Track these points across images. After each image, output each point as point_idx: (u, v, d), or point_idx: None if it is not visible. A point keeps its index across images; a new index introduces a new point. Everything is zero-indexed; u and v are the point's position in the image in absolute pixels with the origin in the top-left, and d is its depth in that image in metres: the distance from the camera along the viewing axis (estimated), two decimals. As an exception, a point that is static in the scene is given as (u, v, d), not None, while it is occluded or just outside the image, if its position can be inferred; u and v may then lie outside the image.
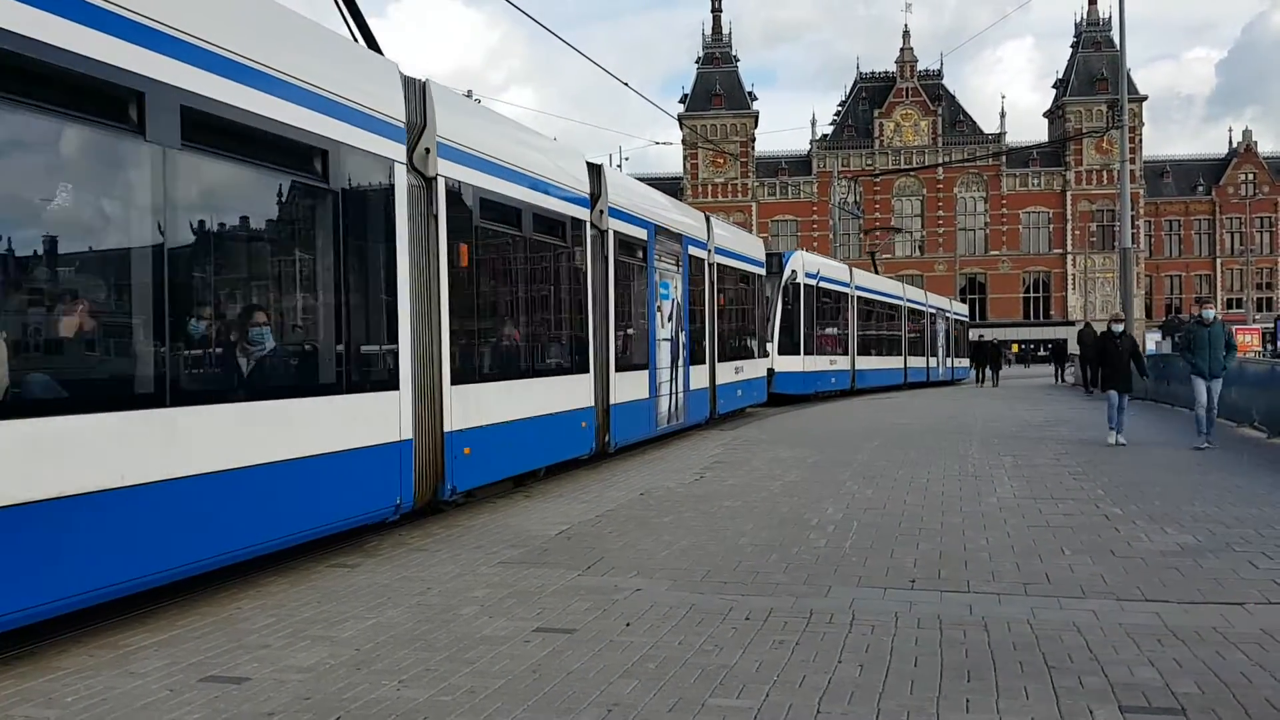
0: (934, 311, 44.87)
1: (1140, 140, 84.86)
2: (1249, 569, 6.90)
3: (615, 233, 13.49)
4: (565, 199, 11.85)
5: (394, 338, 8.23)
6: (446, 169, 9.06)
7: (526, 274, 11.00)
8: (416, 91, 8.88)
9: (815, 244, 77.79)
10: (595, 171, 13.26)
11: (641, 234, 14.67)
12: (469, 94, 12.09)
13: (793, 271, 27.73)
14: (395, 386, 8.21)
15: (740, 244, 21.41)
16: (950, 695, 4.53)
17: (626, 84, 21.15)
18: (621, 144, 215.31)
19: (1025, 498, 10.03)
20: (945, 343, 46.60)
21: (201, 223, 6.41)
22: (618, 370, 13.53)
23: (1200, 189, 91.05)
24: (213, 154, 6.38)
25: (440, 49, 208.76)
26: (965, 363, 49.96)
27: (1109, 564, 7.08)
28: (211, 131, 6.26)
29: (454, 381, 9.09)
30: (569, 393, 11.97)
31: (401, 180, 8.32)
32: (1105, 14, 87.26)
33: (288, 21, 7.22)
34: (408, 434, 8.36)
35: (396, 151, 8.28)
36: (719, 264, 18.97)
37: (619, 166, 48.30)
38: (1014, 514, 9.13)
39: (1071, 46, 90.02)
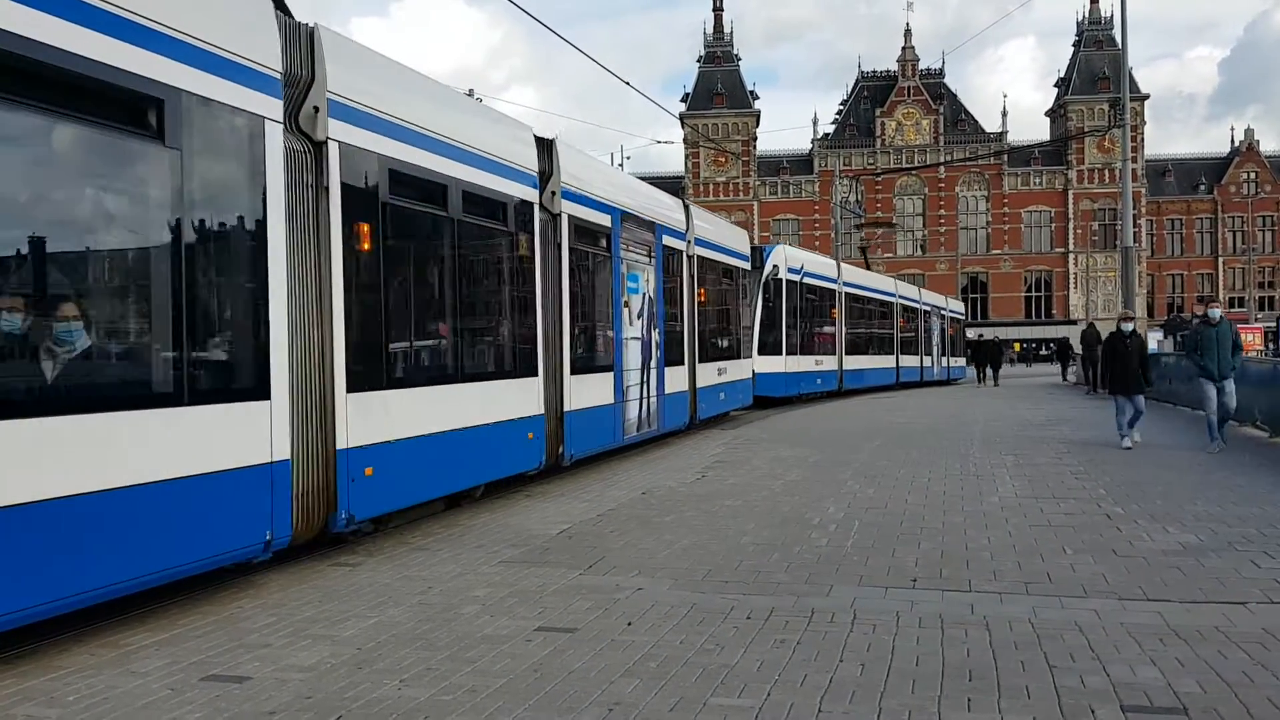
0: (928, 309, 44.01)
1: (1142, 139, 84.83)
2: (1251, 568, 6.89)
3: (570, 217, 12.06)
4: (507, 176, 10.42)
5: (261, 336, 6.68)
6: (341, 132, 7.62)
7: (455, 262, 9.38)
8: (302, 37, 7.45)
9: (817, 243, 77.76)
10: (546, 147, 11.79)
11: (604, 220, 13.26)
12: (470, 92, 11.66)
13: (774, 266, 26.54)
14: (264, 396, 6.66)
15: (724, 236, 19.94)
16: (952, 694, 4.52)
17: (628, 83, 21.16)
18: (623, 143, 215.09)
19: (1027, 497, 10.02)
20: (940, 341, 45.71)
21: None
22: (574, 373, 12.12)
23: (1202, 188, 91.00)
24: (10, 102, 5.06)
25: (442, 49, 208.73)
26: (962, 362, 48.74)
27: (1111, 563, 7.08)
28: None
29: (352, 388, 7.62)
30: (511, 399, 10.54)
31: (276, 143, 6.81)
32: (1107, 13, 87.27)
33: None
34: (282, 453, 6.81)
35: (269, 108, 6.74)
36: (699, 256, 17.54)
37: (620, 165, 48.11)
38: (1015, 513, 9.13)
39: (1073, 45, 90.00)
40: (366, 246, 7.88)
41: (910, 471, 12.10)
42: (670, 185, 66.30)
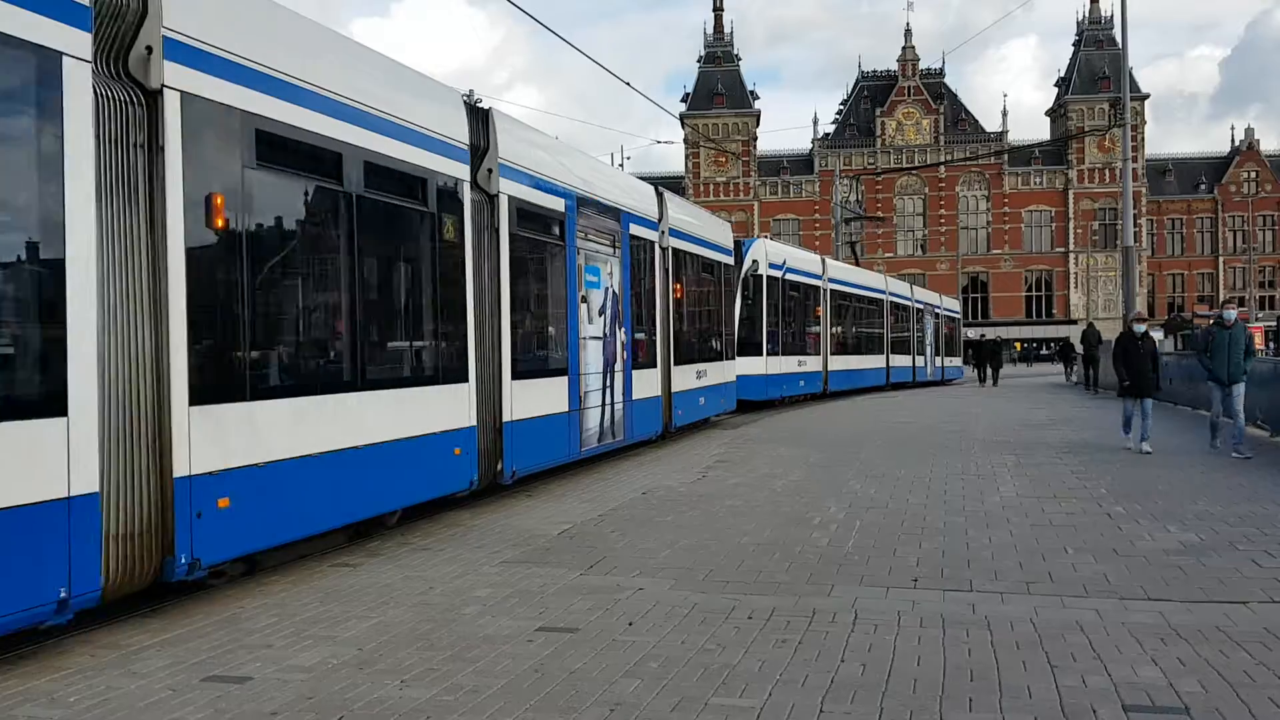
0: (921, 307, 42.89)
1: (1142, 138, 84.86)
2: (1252, 567, 6.89)
3: (511, 199, 10.51)
4: (427, 148, 9.01)
5: (51, 334, 5.29)
6: (183, 79, 6.21)
7: (354, 247, 7.91)
8: None
9: (817, 243, 77.70)
10: (480, 117, 10.36)
11: (556, 204, 11.76)
12: (470, 93, 11.21)
13: (754, 262, 25.02)
14: (58, 412, 5.25)
15: (705, 228, 18.51)
16: (953, 694, 4.52)
17: (628, 83, 21.17)
18: (624, 144, 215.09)
19: (1028, 496, 10.02)
20: (934, 340, 44.42)
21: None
22: (518, 378, 10.58)
23: (1203, 187, 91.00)
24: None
25: (444, 49, 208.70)
26: (958, 362, 47.08)
27: (1112, 563, 7.07)
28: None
29: (197, 400, 6.18)
30: (432, 410, 9.06)
31: (81, 88, 5.44)
32: (1107, 12, 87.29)
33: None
34: (86, 485, 5.38)
35: (71, 41, 5.37)
36: (675, 249, 16.06)
37: (621, 166, 47.95)
38: (1017, 513, 9.12)
39: (1073, 45, 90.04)
40: (220, 223, 6.44)
41: (911, 471, 12.10)
42: (671, 185, 66.31)
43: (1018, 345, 79.62)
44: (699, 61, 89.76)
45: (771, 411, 23.75)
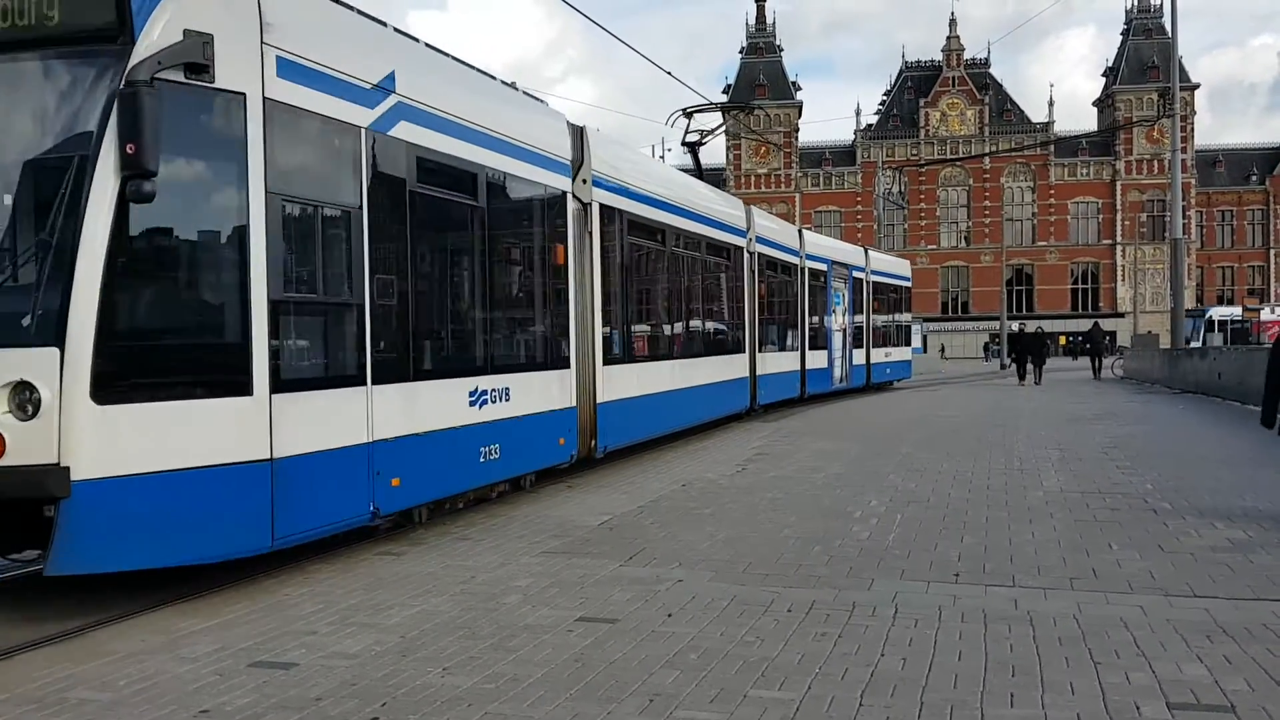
0: (826, 266, 25.27)
1: (1192, 129, 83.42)
2: (1302, 565, 6.78)
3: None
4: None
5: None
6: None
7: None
8: None
9: (859, 234, 77.30)
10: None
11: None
12: (512, 83, 11.62)
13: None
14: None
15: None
16: (994, 690, 4.50)
17: (670, 73, 21.08)
18: (666, 136, 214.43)
19: (1072, 491, 9.92)
20: (849, 320, 27.02)
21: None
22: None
23: (1254, 178, 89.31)
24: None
25: (500, 42, 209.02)
26: (906, 353, 33.63)
27: (1157, 559, 6.99)
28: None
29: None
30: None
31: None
32: (1156, 1, 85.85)
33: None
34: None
35: None
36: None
37: (662, 158, 47.82)
38: (1060, 507, 9.04)
39: (1122, 34, 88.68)
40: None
41: (953, 464, 12.02)
42: (712, 178, 66.21)
43: (1062, 339, 78.64)
44: (741, 53, 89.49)
45: (811, 405, 23.65)
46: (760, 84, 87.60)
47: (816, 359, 24.02)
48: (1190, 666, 4.77)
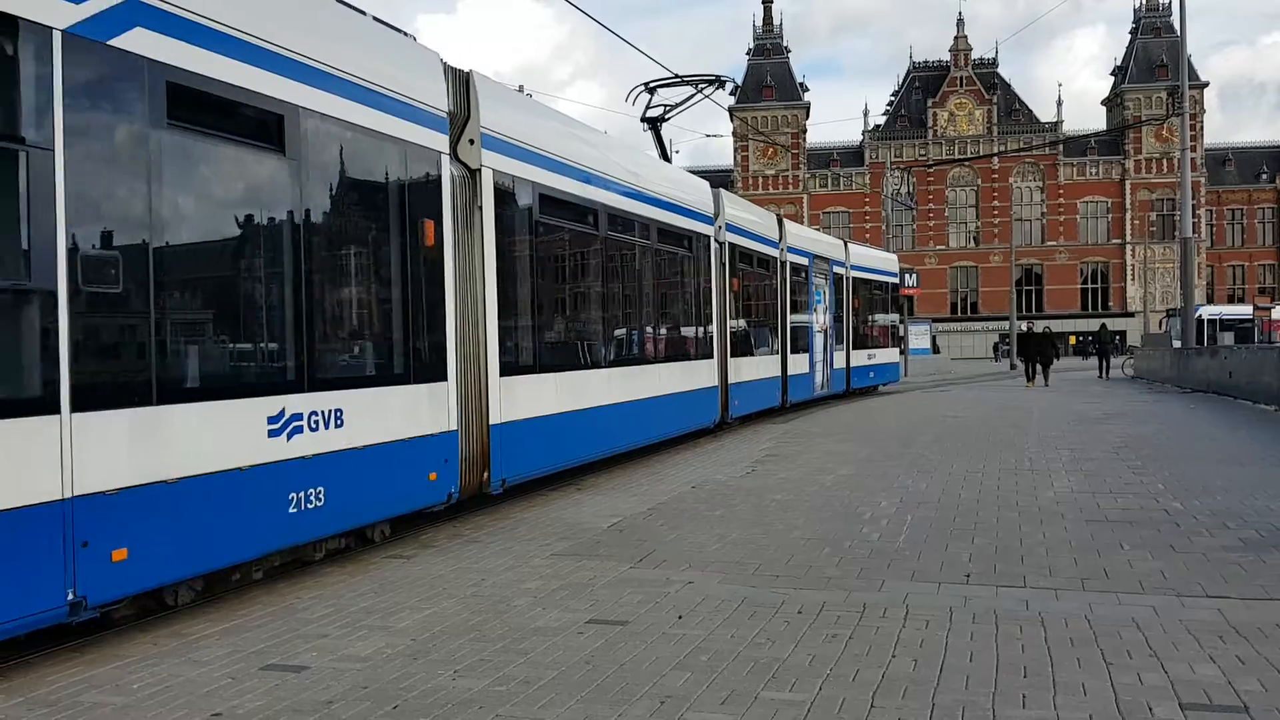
0: (808, 260, 22.77)
1: (1201, 128, 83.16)
2: (1315, 565, 6.75)
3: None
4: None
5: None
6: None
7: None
8: None
9: (868, 235, 77.18)
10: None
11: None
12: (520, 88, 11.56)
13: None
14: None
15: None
16: (1006, 691, 4.49)
17: (677, 75, 21.08)
18: (673, 138, 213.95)
19: (1083, 492, 9.89)
20: (830, 320, 24.53)
21: None
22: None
23: (1264, 176, 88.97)
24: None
25: (510, 45, 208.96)
26: (894, 355, 31.59)
27: (1169, 559, 6.97)
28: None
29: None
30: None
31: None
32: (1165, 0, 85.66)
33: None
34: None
35: None
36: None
37: (669, 159, 47.63)
38: (1071, 508, 9.01)
39: (1130, 33, 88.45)
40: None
41: (963, 465, 11.99)
42: (720, 178, 66.21)
43: (1072, 339, 78.45)
44: (748, 54, 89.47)
45: (821, 407, 23.62)
46: (768, 85, 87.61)
47: (799, 363, 21.64)
48: (1203, 667, 4.75)
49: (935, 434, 16.04)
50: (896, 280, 31.75)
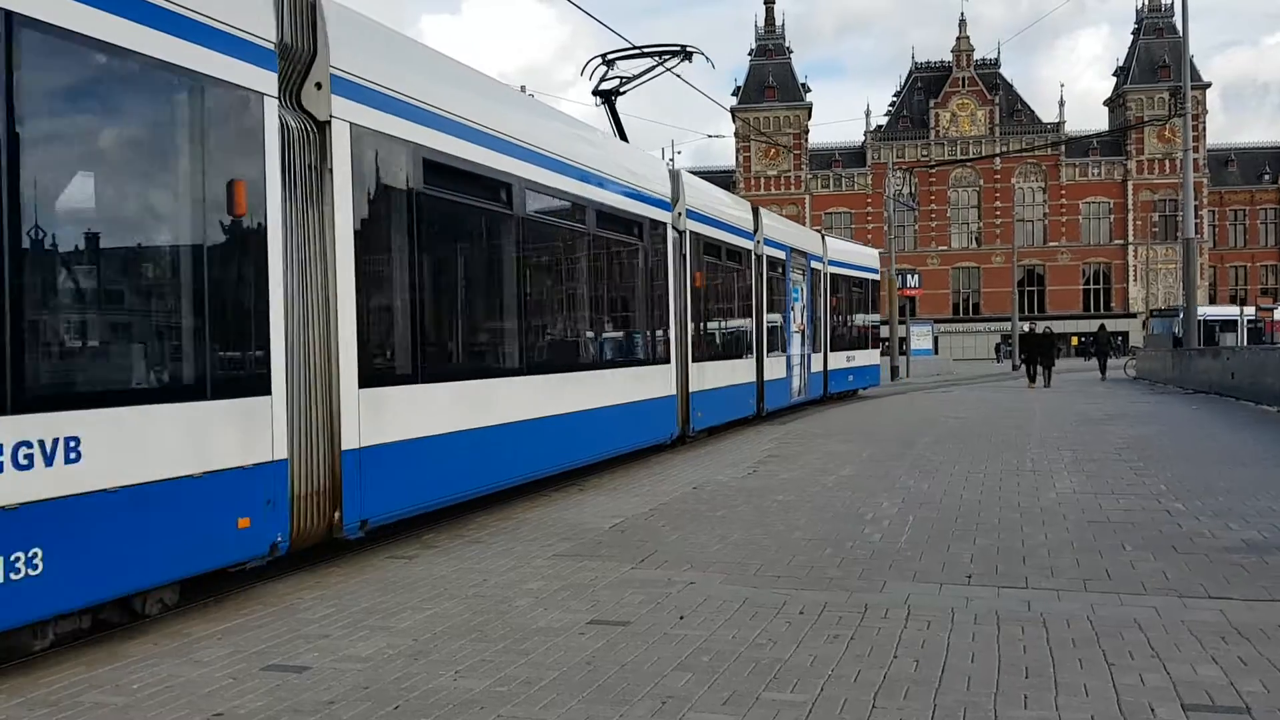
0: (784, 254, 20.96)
1: (1204, 128, 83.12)
2: (1317, 566, 6.74)
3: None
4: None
5: None
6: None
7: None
8: None
9: (869, 236, 77.18)
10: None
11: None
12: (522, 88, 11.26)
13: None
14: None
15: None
16: (1008, 692, 4.48)
17: (679, 75, 21.08)
18: (675, 138, 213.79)
19: (1085, 492, 9.88)
20: (807, 319, 22.55)
21: None
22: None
23: (1266, 177, 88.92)
24: None
25: (513, 45, 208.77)
26: (870, 357, 29.02)
27: (1171, 560, 6.96)
28: None
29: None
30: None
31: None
32: (1167, 0, 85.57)
33: None
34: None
35: None
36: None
37: (671, 161, 47.75)
38: (1073, 509, 9.01)
39: (1132, 33, 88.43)
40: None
41: (965, 466, 11.99)
42: (722, 179, 66.20)
43: (1074, 340, 78.42)
44: (750, 54, 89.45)
45: (823, 407, 23.61)
46: (770, 86, 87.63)
47: (775, 367, 19.72)
48: (1205, 668, 4.75)
49: (937, 435, 16.03)
50: (876, 277, 30.17)
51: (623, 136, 15.60)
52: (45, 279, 5.26)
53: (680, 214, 14.81)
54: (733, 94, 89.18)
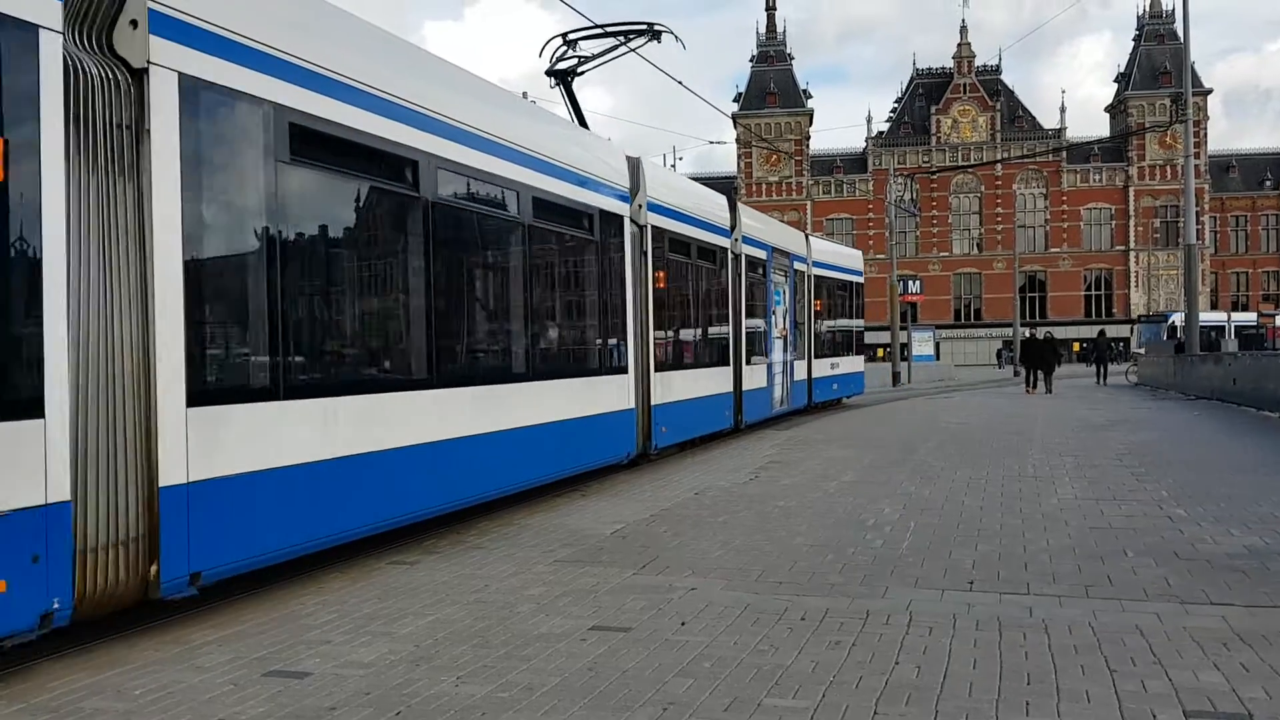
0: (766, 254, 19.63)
1: (1205, 134, 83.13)
2: (1319, 572, 6.73)
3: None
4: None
5: None
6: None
7: None
8: None
9: (871, 242, 77.28)
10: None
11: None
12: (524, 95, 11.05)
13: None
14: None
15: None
16: (1009, 698, 4.48)
17: (680, 82, 21.15)
18: (678, 144, 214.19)
19: (1086, 499, 9.88)
20: (790, 324, 21.31)
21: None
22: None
23: (1268, 183, 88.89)
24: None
25: (515, 50, 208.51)
26: (855, 363, 27.63)
27: (1173, 566, 6.96)
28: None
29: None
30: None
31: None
32: (1169, 6, 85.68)
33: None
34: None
35: None
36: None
37: (673, 166, 47.78)
38: (1075, 515, 9.00)
39: (1134, 40, 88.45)
40: None
41: (966, 472, 11.98)
42: (723, 185, 66.29)
43: (1075, 346, 78.38)
44: (751, 61, 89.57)
45: (824, 414, 23.61)
46: (771, 92, 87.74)
47: (754, 376, 18.23)
48: (1207, 674, 4.74)
49: (938, 441, 16.02)
50: (860, 280, 28.59)
51: (581, 122, 14.14)
52: None
53: (641, 206, 13.22)
54: (734, 100, 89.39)
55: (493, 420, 9.30)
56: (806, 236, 24.42)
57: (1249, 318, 68.59)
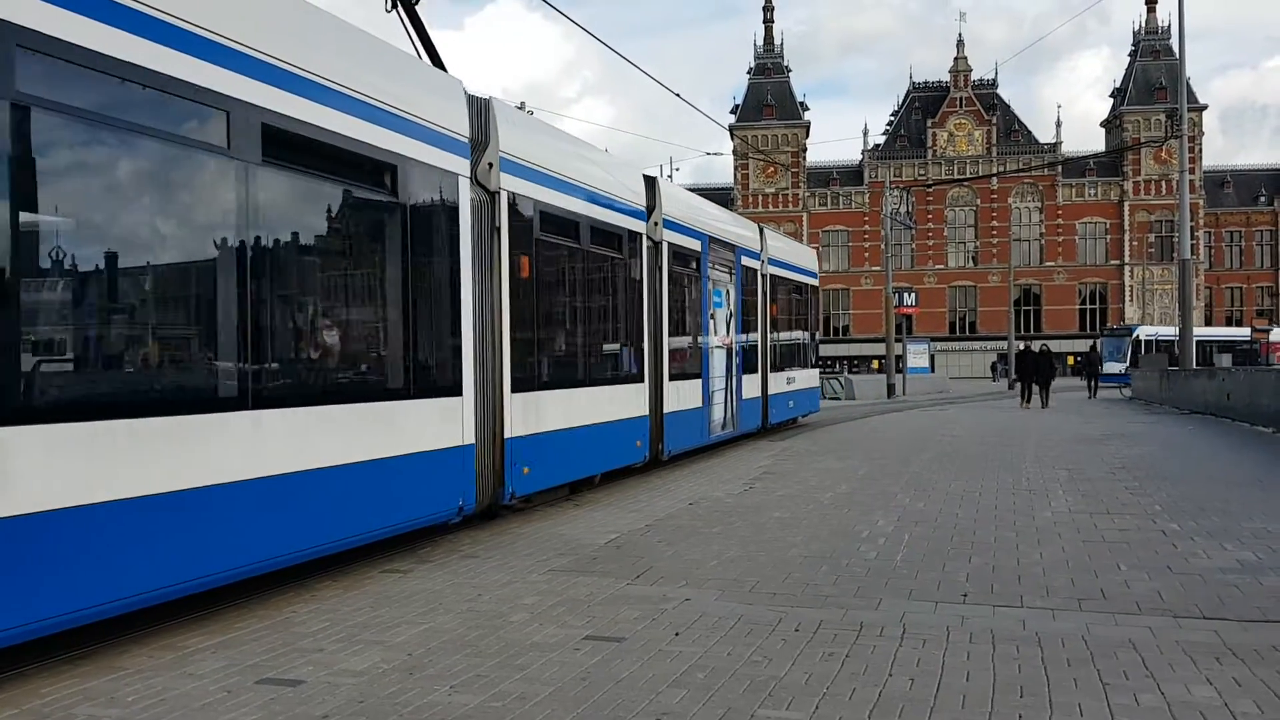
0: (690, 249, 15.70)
1: (1200, 150, 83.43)
2: (1312, 587, 6.75)
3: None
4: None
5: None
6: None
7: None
8: None
9: (866, 255, 77.39)
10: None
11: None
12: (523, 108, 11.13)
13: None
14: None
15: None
16: (1002, 711, 4.48)
17: (678, 95, 21.21)
18: (675, 156, 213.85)
19: (1080, 512, 9.89)
20: (737, 332, 18.01)
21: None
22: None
23: (1262, 199, 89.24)
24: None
25: (518, 62, 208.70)
26: (810, 378, 24.16)
27: (1166, 580, 6.97)
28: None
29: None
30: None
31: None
32: (1164, 22, 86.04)
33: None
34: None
35: None
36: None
37: (670, 177, 47.76)
38: (1069, 528, 9.01)
39: (1129, 55, 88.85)
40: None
41: (961, 485, 11.99)
42: (720, 196, 66.39)
43: (1070, 359, 78.54)
44: (749, 73, 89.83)
45: (818, 426, 23.62)
46: (768, 104, 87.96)
47: (683, 395, 14.88)
48: (1199, 688, 4.75)
49: (933, 453, 16.04)
50: (816, 282, 24.76)
51: (434, 58, 10.13)
52: None
53: (489, 165, 9.59)
54: (731, 112, 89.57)
55: (253, 467, 6.39)
56: (761, 229, 20.47)
57: (1242, 333, 68.82)
